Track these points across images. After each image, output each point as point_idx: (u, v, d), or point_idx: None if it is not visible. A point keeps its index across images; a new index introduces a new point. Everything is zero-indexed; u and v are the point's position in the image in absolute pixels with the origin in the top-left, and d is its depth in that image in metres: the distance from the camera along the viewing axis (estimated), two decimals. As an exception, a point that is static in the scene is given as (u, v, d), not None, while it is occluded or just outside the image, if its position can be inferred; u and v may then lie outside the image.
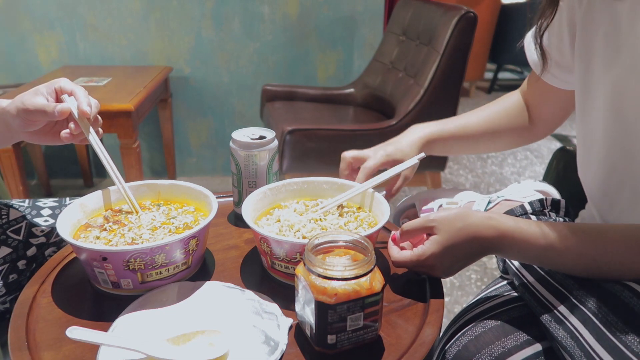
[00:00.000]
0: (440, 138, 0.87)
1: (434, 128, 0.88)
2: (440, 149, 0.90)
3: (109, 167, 0.74)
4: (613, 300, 0.51)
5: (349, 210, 0.76)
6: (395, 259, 0.65)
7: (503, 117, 0.89)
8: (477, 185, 2.63)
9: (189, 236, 0.64)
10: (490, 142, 0.90)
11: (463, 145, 0.90)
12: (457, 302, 1.69)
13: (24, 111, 0.66)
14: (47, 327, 0.59)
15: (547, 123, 0.87)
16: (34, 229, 0.81)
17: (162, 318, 0.60)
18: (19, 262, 0.77)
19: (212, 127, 2.57)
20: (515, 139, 0.90)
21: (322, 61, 2.51)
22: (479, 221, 0.60)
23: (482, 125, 0.89)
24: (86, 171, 2.48)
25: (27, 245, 0.79)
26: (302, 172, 1.77)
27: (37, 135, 0.72)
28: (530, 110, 0.87)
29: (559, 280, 0.57)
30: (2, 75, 2.34)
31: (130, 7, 2.30)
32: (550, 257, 0.57)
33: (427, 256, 0.62)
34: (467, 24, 1.78)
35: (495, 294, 0.69)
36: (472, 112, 0.91)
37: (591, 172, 0.67)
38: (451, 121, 0.90)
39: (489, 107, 0.91)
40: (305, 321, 0.56)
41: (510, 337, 0.58)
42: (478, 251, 0.61)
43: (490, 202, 0.80)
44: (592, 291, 0.53)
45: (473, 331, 0.61)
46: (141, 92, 1.88)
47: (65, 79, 0.71)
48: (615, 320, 0.49)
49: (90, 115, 0.69)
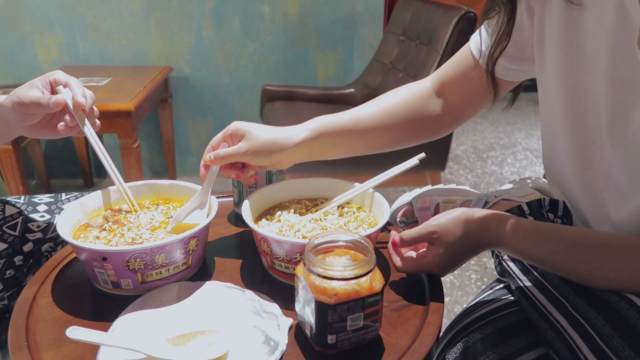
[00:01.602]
0: (332, 131, 0.76)
1: (325, 119, 0.77)
2: (330, 148, 0.77)
3: (104, 160, 0.74)
4: (610, 312, 0.50)
5: (349, 210, 0.76)
6: (399, 268, 0.66)
7: (401, 105, 0.79)
8: (477, 185, 2.63)
9: (189, 236, 0.64)
10: (388, 134, 0.79)
11: (355, 140, 0.78)
12: (457, 302, 1.69)
13: (20, 104, 0.67)
14: (47, 327, 0.59)
15: (458, 114, 0.81)
16: (30, 224, 0.81)
17: (162, 318, 0.60)
18: (15, 258, 0.77)
19: (212, 127, 2.57)
20: (418, 132, 0.81)
21: (322, 61, 2.51)
22: (480, 229, 0.60)
23: (377, 114, 0.78)
24: (86, 171, 2.48)
25: (23, 240, 0.78)
26: (302, 172, 1.77)
27: (34, 129, 0.72)
28: (447, 98, 0.80)
29: (556, 287, 0.57)
30: (2, 75, 2.34)
31: (130, 7, 2.30)
32: (551, 264, 0.57)
33: (431, 267, 0.63)
34: (467, 24, 1.78)
35: (492, 297, 0.69)
36: (364, 104, 0.80)
37: (560, 161, 0.67)
38: (343, 113, 0.78)
39: (384, 96, 0.81)
40: (305, 321, 0.56)
41: (507, 343, 0.58)
42: (479, 250, 0.62)
43: (488, 202, 0.80)
44: (589, 300, 0.53)
45: (470, 337, 0.61)
46: (141, 92, 1.88)
47: (59, 72, 0.71)
48: (612, 334, 0.48)
49: (85, 107, 0.69)
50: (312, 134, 0.74)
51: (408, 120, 0.79)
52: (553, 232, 0.57)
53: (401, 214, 0.92)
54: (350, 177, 0.85)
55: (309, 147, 0.75)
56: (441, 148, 1.87)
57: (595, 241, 0.55)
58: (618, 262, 0.52)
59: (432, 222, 0.63)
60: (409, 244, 0.65)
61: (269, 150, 0.71)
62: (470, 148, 3.13)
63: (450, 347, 0.62)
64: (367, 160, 0.83)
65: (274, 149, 0.72)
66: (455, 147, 3.13)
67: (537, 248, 0.57)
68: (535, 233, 0.57)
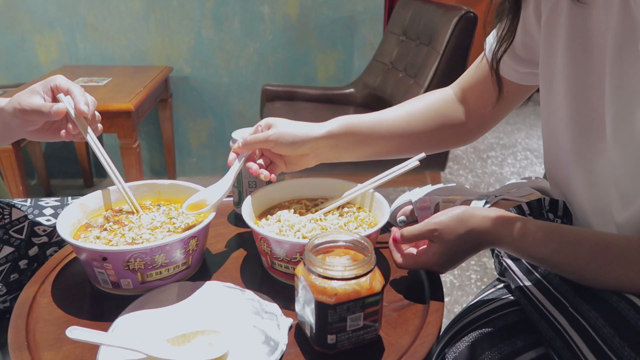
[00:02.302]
0: (356, 129, 0.77)
1: (350, 117, 0.78)
2: (355, 145, 0.78)
3: (106, 164, 0.74)
4: (610, 312, 0.50)
5: (349, 210, 0.76)
6: (399, 265, 0.66)
7: (424, 110, 0.80)
8: (477, 185, 2.63)
9: (189, 236, 0.64)
10: (413, 138, 0.80)
11: (380, 140, 0.78)
12: (457, 302, 1.69)
13: (21, 111, 0.66)
14: (47, 327, 0.59)
15: (484, 118, 0.82)
16: (36, 228, 0.81)
17: (162, 318, 0.60)
18: (20, 262, 0.77)
19: (212, 127, 2.57)
20: (443, 137, 0.82)
21: (322, 61, 2.51)
22: (480, 227, 0.60)
23: (401, 116, 0.79)
24: (86, 171, 2.48)
25: (29, 244, 0.78)
26: (302, 172, 1.76)
27: (37, 133, 0.71)
28: (469, 104, 0.81)
29: (557, 287, 0.57)
30: (2, 75, 2.34)
31: (130, 7, 2.30)
32: (552, 264, 0.57)
33: (431, 264, 0.63)
34: (467, 24, 1.78)
35: (492, 297, 0.69)
36: (388, 108, 0.81)
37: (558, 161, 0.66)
38: (367, 115, 0.80)
39: (408, 101, 0.82)
40: (305, 321, 0.56)
41: (507, 342, 0.58)
42: (480, 248, 0.62)
43: (488, 202, 0.80)
44: (589, 300, 0.53)
45: (470, 337, 0.61)
46: (141, 92, 1.88)
47: (61, 77, 0.70)
48: (612, 334, 0.48)
49: (87, 115, 0.68)
50: (337, 128, 0.76)
51: (432, 125, 0.81)
52: (554, 231, 0.57)
53: (401, 213, 0.92)
54: (350, 177, 0.85)
55: (334, 141, 0.76)
56: (441, 148, 1.87)
57: (597, 241, 0.55)
58: (619, 262, 0.52)
59: (433, 219, 0.63)
60: (409, 241, 0.65)
61: (293, 139, 0.73)
62: (470, 148, 3.13)
63: (450, 346, 0.62)
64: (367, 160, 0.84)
65: (297, 138, 0.73)
66: (455, 147, 3.13)
67: (537, 247, 0.57)
68: (535, 232, 0.57)
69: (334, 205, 0.76)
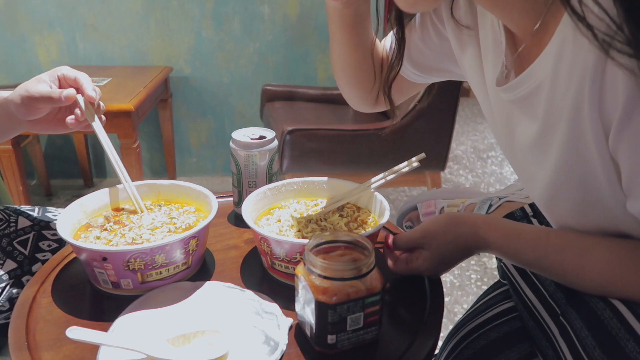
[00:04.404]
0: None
1: None
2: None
3: (110, 156, 0.74)
4: (594, 321, 0.49)
5: (349, 210, 0.77)
6: (391, 270, 0.67)
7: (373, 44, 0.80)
8: (477, 185, 2.63)
9: (189, 236, 0.64)
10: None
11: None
12: (457, 302, 1.69)
13: (29, 99, 0.66)
14: (47, 327, 0.59)
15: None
16: (41, 243, 0.79)
17: (162, 318, 0.60)
18: (23, 278, 0.75)
19: (212, 127, 2.57)
20: (355, 77, 0.80)
21: (322, 61, 2.51)
22: (468, 232, 0.60)
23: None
24: (86, 171, 2.48)
25: (32, 260, 0.77)
26: (302, 172, 1.77)
27: (40, 124, 0.72)
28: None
29: (551, 294, 0.57)
30: (2, 75, 2.34)
31: (130, 7, 2.30)
32: (539, 268, 0.57)
33: (421, 270, 0.64)
34: (467, 24, 1.77)
35: (493, 302, 0.69)
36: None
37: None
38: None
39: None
40: (305, 321, 0.56)
41: (507, 352, 0.58)
42: (470, 253, 0.62)
43: (492, 205, 0.80)
44: (578, 308, 0.52)
45: (474, 344, 0.61)
46: (141, 92, 1.88)
47: (67, 67, 0.72)
48: (593, 345, 0.47)
49: (95, 100, 0.69)
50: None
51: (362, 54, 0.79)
52: (541, 236, 0.56)
53: (407, 218, 0.93)
54: (350, 177, 0.85)
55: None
56: (441, 148, 1.87)
57: (582, 246, 0.53)
58: (603, 266, 0.51)
59: (421, 227, 0.64)
60: (401, 248, 0.67)
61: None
62: (470, 148, 3.13)
63: (453, 355, 0.63)
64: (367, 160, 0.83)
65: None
66: (455, 147, 3.13)
67: (524, 253, 0.56)
68: (522, 236, 0.57)
69: (334, 205, 0.76)
